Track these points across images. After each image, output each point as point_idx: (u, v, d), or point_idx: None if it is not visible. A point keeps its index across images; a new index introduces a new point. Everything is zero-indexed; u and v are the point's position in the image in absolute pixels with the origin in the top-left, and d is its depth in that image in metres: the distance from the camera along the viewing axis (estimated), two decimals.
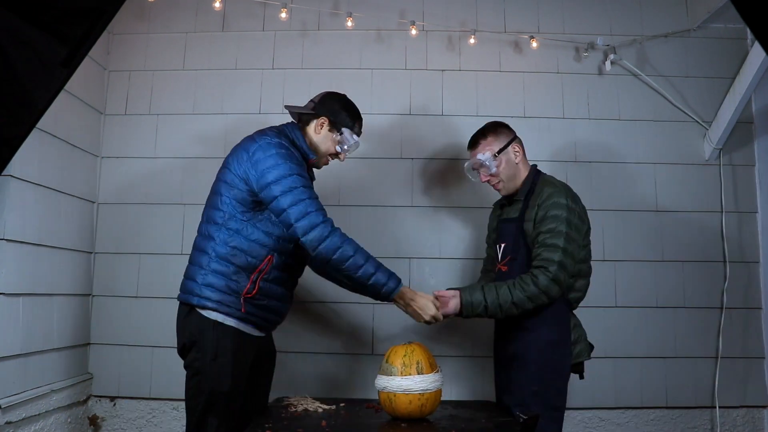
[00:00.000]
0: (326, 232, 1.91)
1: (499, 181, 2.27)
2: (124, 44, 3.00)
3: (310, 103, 2.22)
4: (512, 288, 2.06)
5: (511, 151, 2.26)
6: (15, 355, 2.25)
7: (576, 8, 3.02)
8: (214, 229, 1.99)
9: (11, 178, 2.24)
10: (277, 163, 1.93)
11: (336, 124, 2.17)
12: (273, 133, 2.04)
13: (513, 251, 2.21)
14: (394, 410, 1.98)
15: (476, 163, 2.27)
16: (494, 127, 2.31)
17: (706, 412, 2.78)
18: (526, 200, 2.21)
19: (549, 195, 2.12)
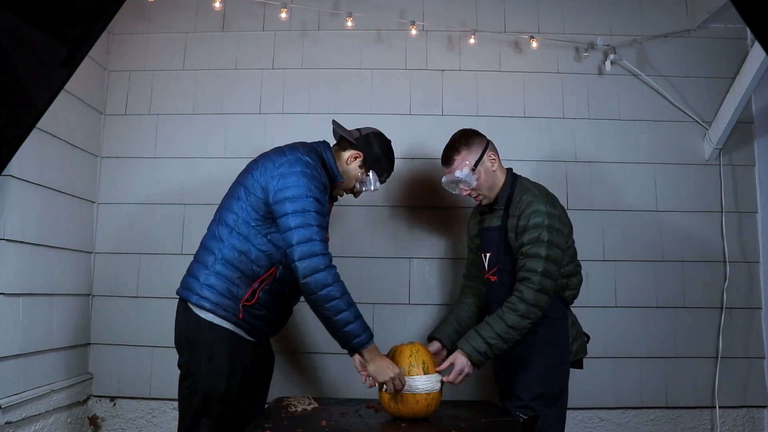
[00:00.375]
0: (322, 265, 1.87)
1: (479, 194, 2.24)
2: (124, 44, 3.00)
3: (356, 131, 2.21)
4: (503, 315, 2.04)
5: (487, 160, 2.22)
6: (15, 355, 2.25)
7: (576, 8, 3.02)
8: (224, 231, 1.99)
9: (11, 178, 2.24)
10: (299, 182, 1.92)
11: (369, 164, 2.17)
12: (304, 150, 2.03)
13: (499, 261, 2.21)
14: (400, 410, 1.97)
15: (454, 179, 2.23)
16: (465, 138, 2.25)
17: (706, 412, 2.78)
18: (507, 208, 2.19)
19: (528, 203, 2.10)
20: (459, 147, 2.23)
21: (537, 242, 2.05)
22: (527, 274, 2.05)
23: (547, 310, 2.10)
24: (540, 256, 2.04)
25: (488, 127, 2.90)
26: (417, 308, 2.82)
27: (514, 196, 2.19)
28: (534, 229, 2.06)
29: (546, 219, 2.06)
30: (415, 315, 2.82)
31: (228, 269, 1.95)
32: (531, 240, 2.06)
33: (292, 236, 1.88)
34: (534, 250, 2.05)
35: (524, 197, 2.13)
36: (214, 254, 1.98)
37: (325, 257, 1.89)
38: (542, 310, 2.05)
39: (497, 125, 2.92)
